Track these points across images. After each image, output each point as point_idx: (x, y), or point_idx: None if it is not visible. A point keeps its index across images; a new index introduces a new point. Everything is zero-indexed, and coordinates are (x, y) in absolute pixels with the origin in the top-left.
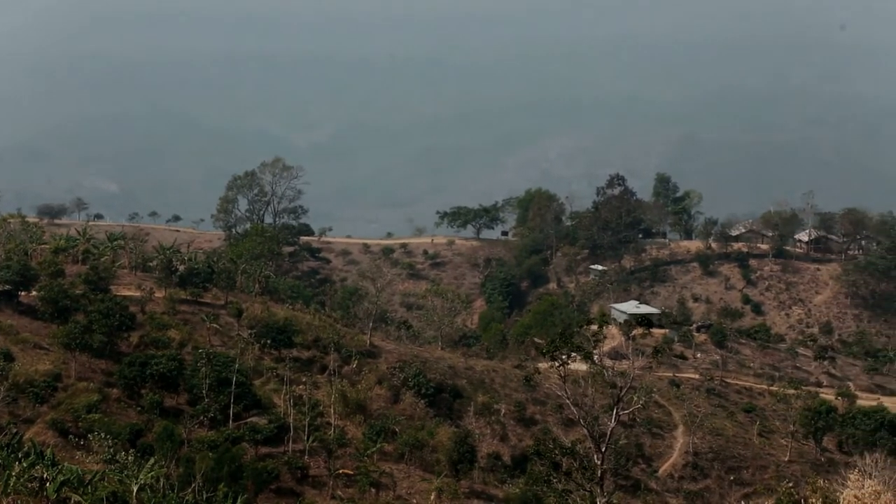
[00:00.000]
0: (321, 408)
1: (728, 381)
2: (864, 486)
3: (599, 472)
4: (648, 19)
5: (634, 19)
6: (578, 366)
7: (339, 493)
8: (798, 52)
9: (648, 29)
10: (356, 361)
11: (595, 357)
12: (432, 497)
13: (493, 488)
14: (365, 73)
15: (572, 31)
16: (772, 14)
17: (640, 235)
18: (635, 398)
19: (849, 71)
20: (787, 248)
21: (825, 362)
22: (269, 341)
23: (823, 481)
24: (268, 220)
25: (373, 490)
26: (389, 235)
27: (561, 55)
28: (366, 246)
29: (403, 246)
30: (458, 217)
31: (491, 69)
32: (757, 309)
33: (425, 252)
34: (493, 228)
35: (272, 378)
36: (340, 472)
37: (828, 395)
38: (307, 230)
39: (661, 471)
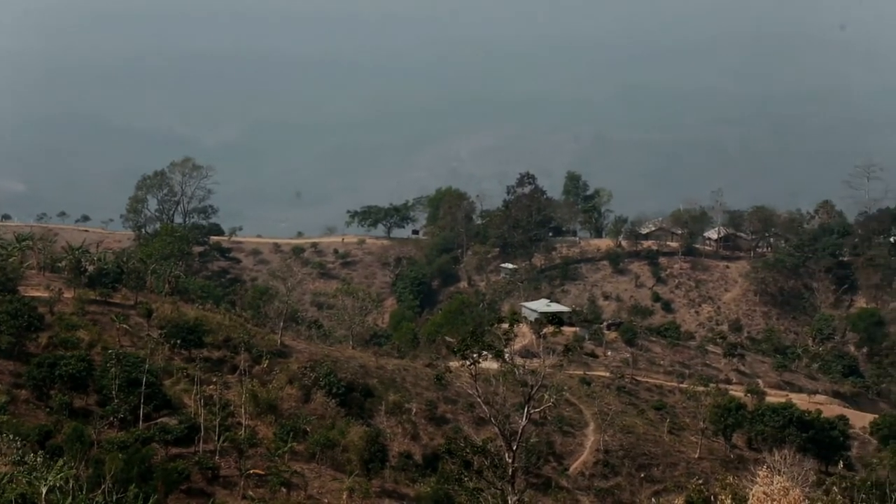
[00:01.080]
0: (232, 408)
1: (638, 378)
2: (773, 482)
3: (511, 470)
4: (559, 20)
5: (546, 20)
6: (489, 364)
7: (251, 493)
8: (706, 52)
9: (559, 29)
10: (267, 361)
11: (506, 355)
12: (344, 496)
13: (405, 487)
14: (275, 71)
15: (483, 32)
16: (678, 13)
17: (551, 234)
18: (546, 396)
19: (757, 69)
20: (697, 245)
21: (734, 359)
22: (179, 341)
23: (733, 478)
24: (178, 219)
25: (284, 490)
26: (300, 235)
27: (472, 55)
28: (276, 245)
29: (314, 245)
30: (369, 216)
31: (402, 68)
32: (667, 307)
33: (336, 251)
34: (403, 227)
35: (182, 378)
36: (251, 472)
37: (737, 392)
38: (217, 230)
39: (572, 469)
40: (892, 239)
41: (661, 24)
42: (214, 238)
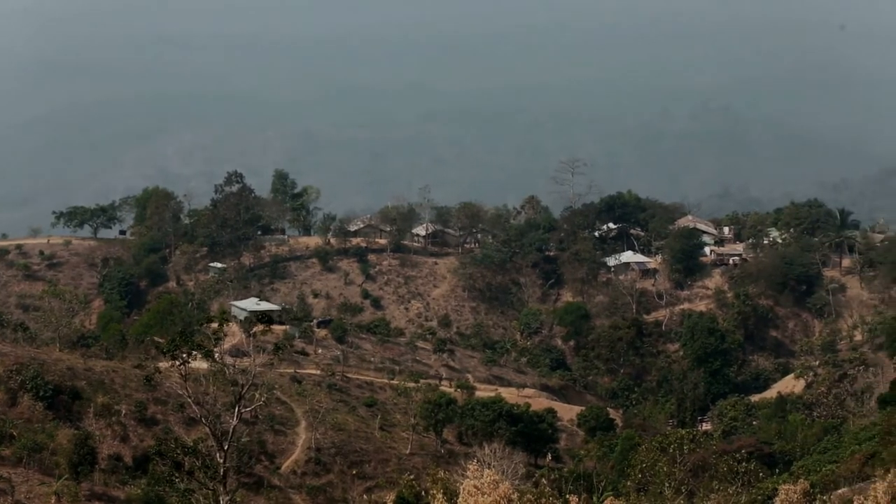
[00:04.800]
0: None
1: (349, 375)
2: (483, 476)
3: (222, 470)
4: (263, 17)
5: (250, 17)
6: (199, 364)
7: None
8: (412, 48)
9: (263, 27)
10: None
11: (216, 355)
12: (52, 501)
13: (115, 490)
14: None
15: (187, 27)
16: (381, 13)
17: (260, 232)
18: (257, 395)
19: (460, 66)
20: (405, 242)
21: (444, 355)
22: None
23: (444, 472)
24: None
25: None
26: (4, 237)
27: (174, 50)
28: None
29: (19, 247)
30: (75, 217)
31: (103, 65)
32: (376, 303)
33: (42, 253)
34: (110, 228)
35: None
36: None
37: (447, 387)
38: None
39: (283, 467)
40: (596, 233)
41: (365, 22)
42: None
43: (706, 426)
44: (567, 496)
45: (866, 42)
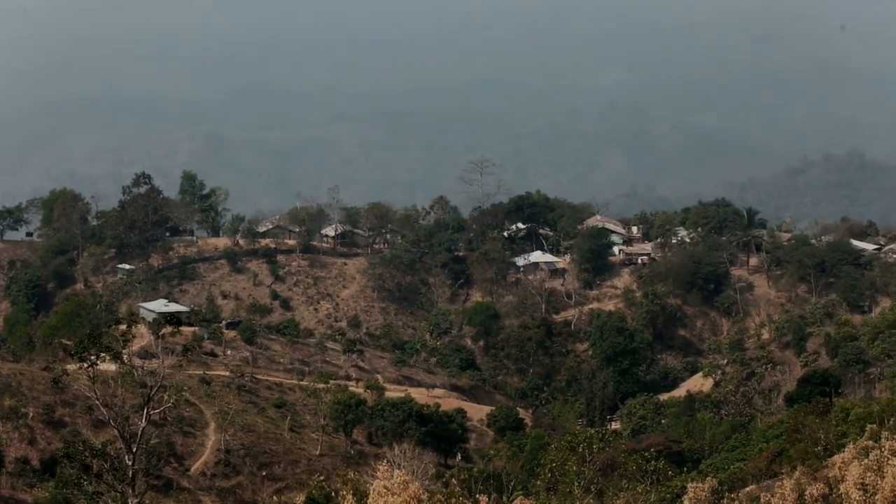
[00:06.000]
0: None
1: (259, 377)
2: (393, 476)
3: (131, 472)
4: (168, 18)
5: (155, 18)
6: (108, 366)
7: None
8: (320, 49)
9: (169, 27)
10: None
11: (124, 357)
12: None
13: (22, 493)
14: None
15: (93, 29)
16: (285, 13)
17: (168, 234)
18: (166, 397)
19: (368, 67)
20: (315, 243)
21: (354, 356)
22: None
23: (354, 473)
24: None
25: None
26: None
27: (80, 52)
28: None
29: None
30: None
31: (7, 67)
32: (286, 304)
33: None
34: (17, 230)
35: None
36: None
37: (357, 388)
38: None
39: (193, 469)
40: (505, 233)
41: (272, 23)
42: None
43: (615, 425)
44: (477, 496)
45: (772, 42)
